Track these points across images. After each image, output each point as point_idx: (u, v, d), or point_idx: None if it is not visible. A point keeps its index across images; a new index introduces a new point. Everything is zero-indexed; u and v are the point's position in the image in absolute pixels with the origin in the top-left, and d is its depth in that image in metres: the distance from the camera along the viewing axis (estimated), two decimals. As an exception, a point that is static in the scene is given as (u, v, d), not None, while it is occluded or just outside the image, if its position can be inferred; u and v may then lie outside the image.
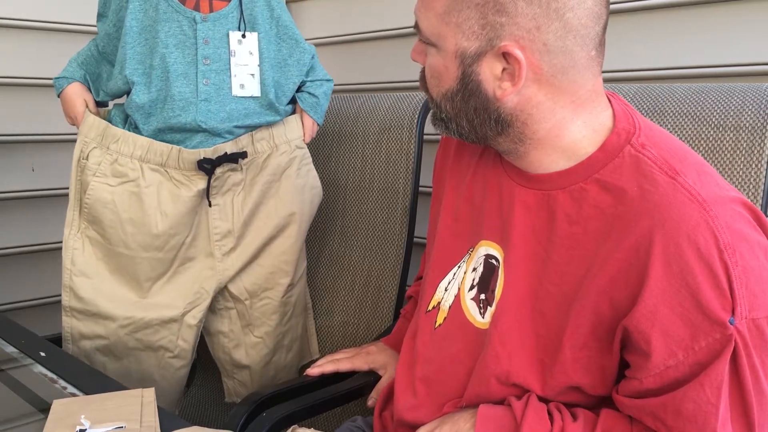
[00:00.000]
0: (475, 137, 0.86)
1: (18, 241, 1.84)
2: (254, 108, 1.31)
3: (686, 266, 0.72)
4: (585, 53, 0.78)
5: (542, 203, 0.84)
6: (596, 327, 0.78)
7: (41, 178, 1.86)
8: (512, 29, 0.76)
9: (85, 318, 1.31)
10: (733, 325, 0.71)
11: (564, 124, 0.81)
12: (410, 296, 1.24)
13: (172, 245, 1.30)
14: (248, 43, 1.28)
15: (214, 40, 1.26)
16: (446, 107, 0.85)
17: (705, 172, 0.79)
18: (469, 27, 0.78)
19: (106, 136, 1.28)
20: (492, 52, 0.78)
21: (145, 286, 1.31)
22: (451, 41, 0.80)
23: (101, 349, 1.32)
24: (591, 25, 0.78)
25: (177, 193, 1.28)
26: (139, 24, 1.24)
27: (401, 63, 0.90)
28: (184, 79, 1.25)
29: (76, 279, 1.30)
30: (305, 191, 1.43)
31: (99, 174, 1.27)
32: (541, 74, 0.78)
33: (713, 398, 0.72)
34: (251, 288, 1.40)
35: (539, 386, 0.83)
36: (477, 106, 0.82)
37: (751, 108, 1.03)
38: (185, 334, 1.35)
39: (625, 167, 0.78)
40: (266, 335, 1.43)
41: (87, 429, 0.78)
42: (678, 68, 1.35)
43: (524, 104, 0.80)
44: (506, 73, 0.79)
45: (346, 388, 1.18)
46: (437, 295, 0.96)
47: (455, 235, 0.96)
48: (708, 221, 0.72)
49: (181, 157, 1.27)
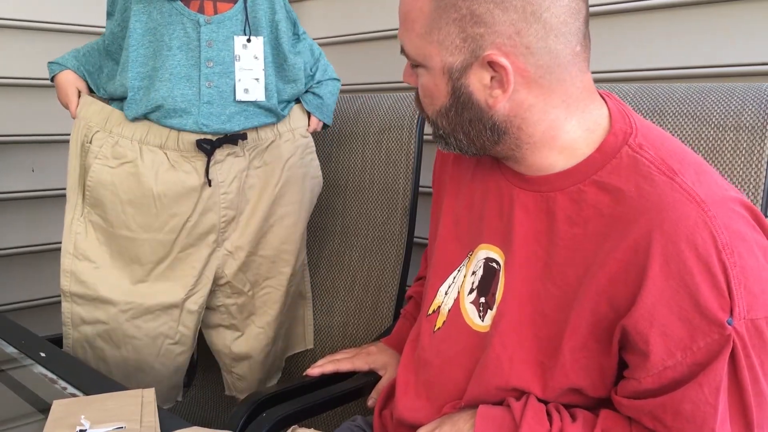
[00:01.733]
0: (475, 149, 0.87)
1: (18, 241, 1.84)
2: (254, 111, 1.31)
3: (684, 266, 0.72)
4: (569, 50, 0.79)
5: (541, 205, 0.84)
6: (595, 327, 0.78)
7: (41, 178, 1.86)
8: (493, 38, 0.77)
9: (86, 303, 1.30)
10: (731, 326, 0.71)
11: (558, 124, 0.82)
12: (410, 296, 1.24)
13: (171, 227, 1.30)
14: (253, 48, 1.28)
15: (217, 42, 1.26)
16: (442, 123, 0.86)
17: (703, 171, 0.79)
18: (451, 42, 0.79)
19: (110, 120, 1.28)
20: (477, 62, 0.79)
21: (146, 268, 1.30)
22: (437, 59, 0.81)
23: (101, 335, 1.32)
24: (571, 22, 0.78)
25: (175, 173, 1.28)
26: (143, 26, 1.25)
27: (401, 63, 0.90)
28: (187, 82, 1.25)
29: (78, 263, 1.30)
30: (306, 180, 1.43)
31: (100, 156, 1.27)
32: (529, 77, 0.79)
33: (712, 398, 0.72)
34: (253, 279, 1.40)
35: (539, 388, 0.83)
36: (471, 118, 0.83)
37: (751, 108, 1.03)
38: (186, 320, 1.34)
39: (623, 168, 0.79)
40: (267, 325, 1.43)
41: (87, 429, 0.78)
42: (678, 68, 1.35)
43: (517, 109, 0.81)
44: (495, 81, 0.80)
45: (346, 388, 1.18)
46: (437, 299, 0.96)
47: (455, 239, 0.96)
48: (706, 221, 0.72)
49: (180, 138, 1.27)
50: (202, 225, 1.32)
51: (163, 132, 1.27)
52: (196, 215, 1.31)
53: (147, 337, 1.32)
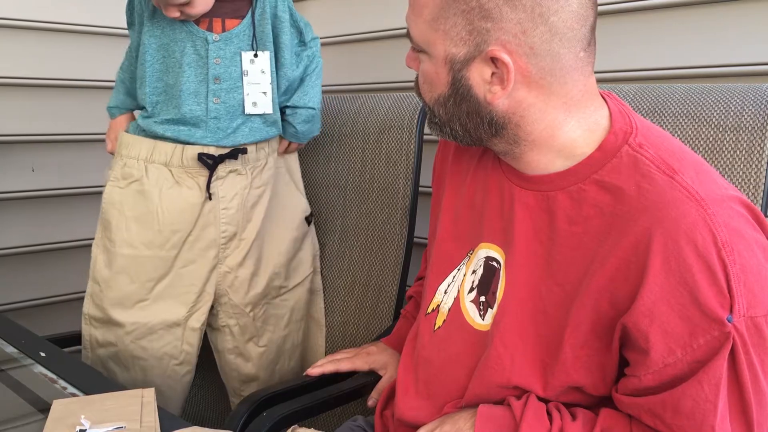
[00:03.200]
0: (470, 140, 0.87)
1: (18, 241, 1.84)
2: (259, 125, 1.34)
3: (684, 264, 0.72)
4: (572, 55, 0.79)
5: (542, 204, 0.84)
6: (596, 325, 0.79)
7: (41, 178, 1.86)
8: (498, 34, 0.77)
9: (100, 326, 1.33)
10: (731, 323, 0.71)
11: (557, 124, 0.82)
12: (410, 296, 1.24)
13: (173, 243, 1.31)
14: (260, 63, 1.30)
15: (225, 59, 1.28)
16: (439, 112, 0.86)
17: (703, 170, 0.79)
18: (457, 33, 0.79)
19: (121, 144, 1.33)
20: (480, 57, 0.79)
21: (147, 287, 1.31)
22: (441, 48, 0.81)
23: (112, 357, 1.33)
24: (577, 27, 0.78)
25: (178, 189, 1.30)
26: (156, 42, 1.28)
27: (401, 63, 0.91)
28: (195, 98, 1.28)
29: (93, 287, 1.33)
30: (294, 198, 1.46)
31: (112, 178, 1.32)
32: (530, 77, 0.79)
33: (711, 396, 0.73)
34: (253, 299, 1.41)
35: (540, 387, 0.83)
36: (469, 110, 0.83)
37: (751, 108, 1.03)
38: (189, 338, 1.35)
39: (623, 167, 0.79)
40: (270, 342, 1.44)
41: (87, 429, 0.78)
42: (678, 68, 1.35)
43: (516, 107, 0.81)
44: (495, 77, 0.80)
45: (346, 388, 1.18)
46: (437, 298, 0.96)
47: (455, 237, 0.96)
48: (706, 219, 0.73)
49: (185, 154, 1.29)
50: (203, 240, 1.33)
51: (168, 149, 1.29)
52: (197, 230, 1.32)
53: (153, 358, 1.33)
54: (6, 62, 1.74)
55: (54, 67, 1.80)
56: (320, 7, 2.00)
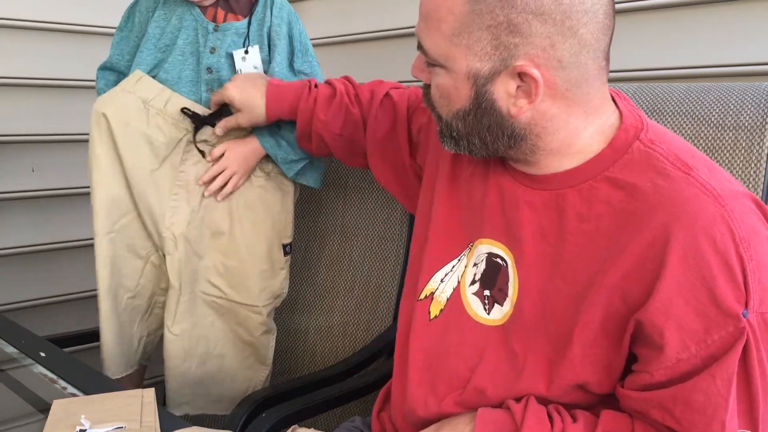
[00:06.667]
0: (486, 152, 0.86)
1: (18, 241, 1.84)
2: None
3: (702, 259, 0.72)
4: (596, 65, 0.79)
5: (550, 203, 0.83)
6: (606, 322, 0.78)
7: (41, 178, 1.86)
8: (527, 48, 0.76)
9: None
10: (746, 318, 0.71)
11: (577, 132, 0.82)
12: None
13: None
14: (251, 58, 1.30)
15: (220, 50, 1.29)
16: (458, 126, 0.85)
17: (714, 167, 0.80)
18: (481, 48, 0.78)
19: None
20: (507, 71, 0.78)
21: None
22: (462, 63, 0.79)
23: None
24: (602, 38, 0.78)
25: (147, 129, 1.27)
26: (161, 31, 1.29)
27: (401, 63, 0.90)
28: (191, 86, 1.29)
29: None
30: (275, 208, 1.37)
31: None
32: (556, 89, 0.79)
33: (724, 390, 0.73)
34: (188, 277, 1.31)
35: (545, 386, 0.83)
36: (491, 124, 0.82)
37: (750, 107, 1.03)
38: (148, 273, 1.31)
39: (635, 163, 0.79)
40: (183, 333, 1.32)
41: (87, 429, 0.78)
42: (677, 68, 1.35)
43: (539, 119, 0.81)
44: (521, 91, 0.79)
45: (346, 388, 1.18)
46: (431, 285, 0.94)
47: (455, 227, 0.94)
48: (724, 215, 0.73)
49: (170, 101, 1.27)
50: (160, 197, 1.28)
51: (154, 87, 1.27)
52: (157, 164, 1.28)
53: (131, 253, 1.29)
54: (6, 62, 1.74)
55: (54, 67, 1.80)
56: (320, 7, 2.00)
